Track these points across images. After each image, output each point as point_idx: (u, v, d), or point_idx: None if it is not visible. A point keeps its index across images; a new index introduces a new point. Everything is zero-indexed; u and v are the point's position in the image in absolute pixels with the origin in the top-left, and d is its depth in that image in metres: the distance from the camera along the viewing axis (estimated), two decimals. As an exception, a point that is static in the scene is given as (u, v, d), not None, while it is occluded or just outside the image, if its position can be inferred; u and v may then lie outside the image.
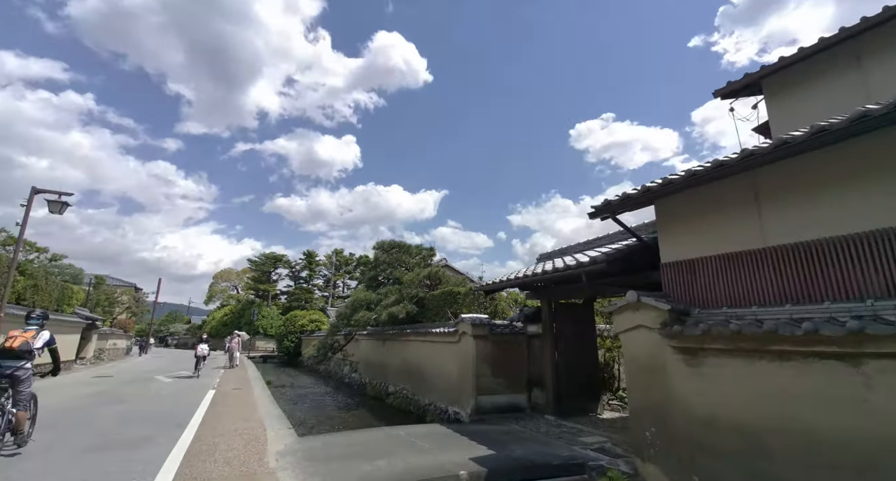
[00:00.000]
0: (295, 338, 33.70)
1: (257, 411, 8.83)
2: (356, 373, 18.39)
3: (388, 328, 14.27)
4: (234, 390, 12.17)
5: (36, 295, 15.56)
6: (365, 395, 15.40)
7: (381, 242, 14.95)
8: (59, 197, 11.29)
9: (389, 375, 14.17)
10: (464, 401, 9.04)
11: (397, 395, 12.93)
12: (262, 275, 53.90)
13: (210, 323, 56.75)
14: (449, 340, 10.10)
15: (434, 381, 10.76)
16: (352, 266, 60.43)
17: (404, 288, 13.14)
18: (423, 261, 15.13)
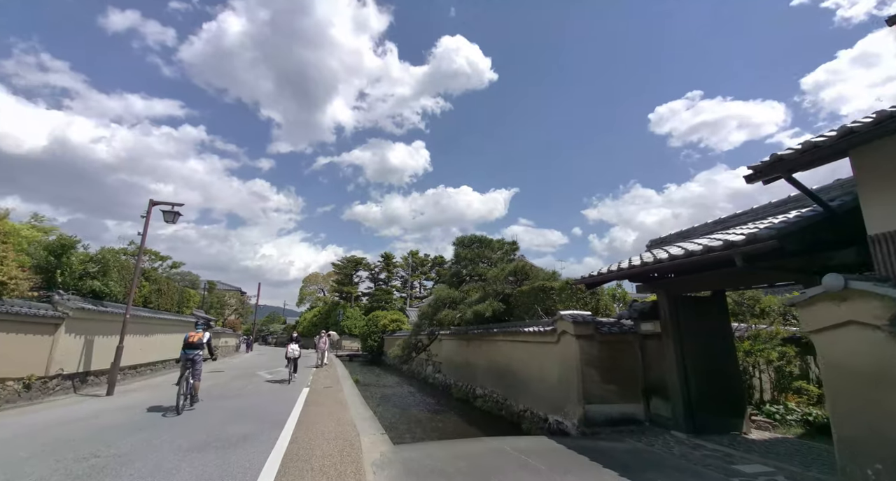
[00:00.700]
0: (377, 338, 34.71)
1: (349, 411, 8.62)
2: (439, 374, 17.98)
3: (473, 327, 13.56)
4: (325, 388, 12.34)
5: (160, 298, 17.52)
6: (450, 397, 14.86)
7: (461, 238, 14.36)
8: (172, 207, 12.36)
9: (476, 377, 13.45)
10: (568, 410, 7.93)
11: (486, 399, 12.14)
12: (345, 277, 56.86)
13: (302, 323, 61.35)
14: (545, 340, 9.05)
15: (529, 385, 9.76)
16: (427, 267, 61.33)
17: (488, 284, 12.32)
18: (506, 255, 14.20)
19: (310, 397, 10.39)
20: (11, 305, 8.86)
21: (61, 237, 11.40)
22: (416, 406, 12.96)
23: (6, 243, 8.77)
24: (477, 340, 13.54)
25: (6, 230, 9.05)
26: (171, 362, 19.27)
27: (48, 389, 10.28)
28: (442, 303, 12.63)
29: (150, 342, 16.28)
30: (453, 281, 14.12)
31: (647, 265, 6.26)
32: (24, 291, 9.58)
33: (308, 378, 14.79)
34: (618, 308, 9.75)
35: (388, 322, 32.54)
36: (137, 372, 15.55)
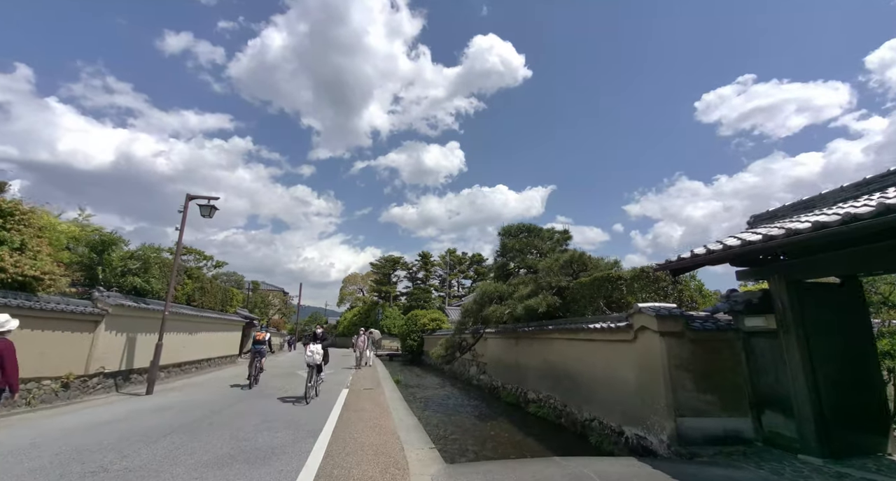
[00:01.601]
0: (417, 337, 33.98)
1: (391, 418, 7.65)
2: (484, 375, 16.78)
3: (523, 325, 12.27)
4: (365, 390, 11.51)
5: (203, 296, 17.53)
6: (497, 400, 13.64)
7: (508, 227, 13.07)
8: (208, 201, 12.01)
9: (527, 379, 12.14)
10: (653, 423, 6.52)
11: (541, 404, 10.83)
12: (384, 277, 56.92)
13: (342, 323, 62.19)
14: (617, 338, 7.65)
15: (595, 391, 8.38)
16: (465, 265, 60.27)
17: (540, 277, 11.00)
18: (557, 245, 12.79)
19: (349, 400, 9.56)
20: (47, 302, 8.62)
21: (102, 233, 11.29)
22: (462, 410, 11.86)
23: (40, 237, 8.53)
24: (527, 339, 12.24)
25: (41, 224, 8.85)
26: (215, 360, 19.36)
27: (88, 388, 10.09)
28: (488, 298, 11.45)
29: (194, 340, 16.25)
30: (500, 274, 12.88)
31: (768, 240, 4.77)
32: (61, 288, 9.39)
33: (348, 378, 14.08)
34: (701, 300, 8.13)
35: (428, 321, 31.72)
36: (182, 370, 15.52)
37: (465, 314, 12.95)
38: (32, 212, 8.46)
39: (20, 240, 7.89)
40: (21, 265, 7.69)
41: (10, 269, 7.48)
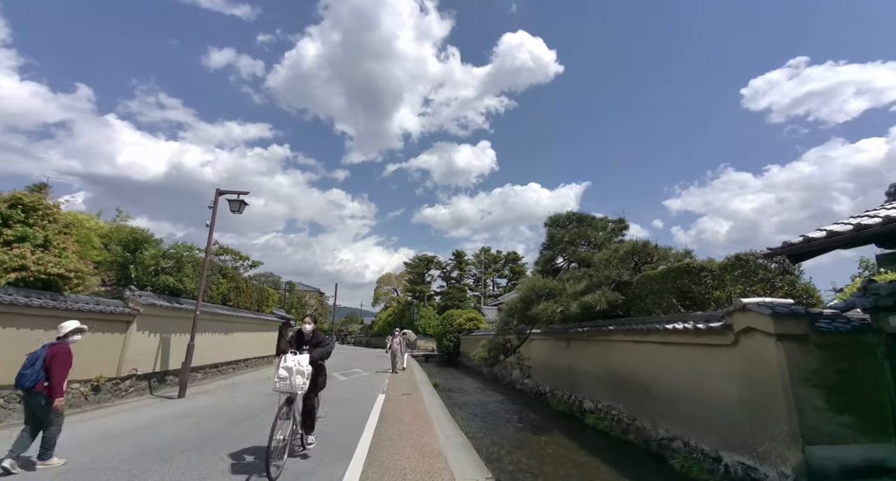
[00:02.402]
0: (453, 338, 32.99)
1: (434, 433, 6.62)
2: (529, 379, 15.50)
3: (575, 325, 10.94)
4: (403, 396, 10.59)
5: (238, 296, 17.33)
6: (546, 408, 12.35)
7: (556, 216, 11.74)
8: (238, 196, 11.53)
9: (581, 386, 10.81)
10: (771, 452, 5.11)
11: (601, 416, 9.48)
12: (417, 277, 56.38)
13: (377, 323, 62.27)
14: (709, 342, 6.25)
15: (678, 405, 6.99)
16: (500, 263, 58.74)
17: (596, 270, 9.67)
18: (612, 235, 11.37)
19: (386, 408, 8.64)
20: (75, 301, 8.26)
21: (134, 231, 11.02)
22: (510, 420, 10.69)
23: (66, 234, 8.18)
24: (581, 340, 10.90)
25: (67, 220, 8.53)
26: (252, 360, 19.19)
27: (120, 391, 9.76)
28: (536, 294, 10.23)
29: (230, 340, 16.00)
30: (547, 268, 11.61)
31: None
32: (91, 287, 9.07)
33: (384, 382, 13.25)
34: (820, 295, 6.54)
35: (464, 321, 30.65)
36: (219, 370, 15.28)
37: (509, 313, 11.77)
38: (57, 207, 8.11)
39: (43, 236, 7.51)
40: (44, 262, 7.29)
41: (32, 267, 7.09)
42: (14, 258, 6.93)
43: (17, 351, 6.87)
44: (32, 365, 4.56)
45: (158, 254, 11.12)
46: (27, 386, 4.50)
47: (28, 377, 4.49)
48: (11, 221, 7.22)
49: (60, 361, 4.61)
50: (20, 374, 4.57)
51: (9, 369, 6.80)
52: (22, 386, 4.52)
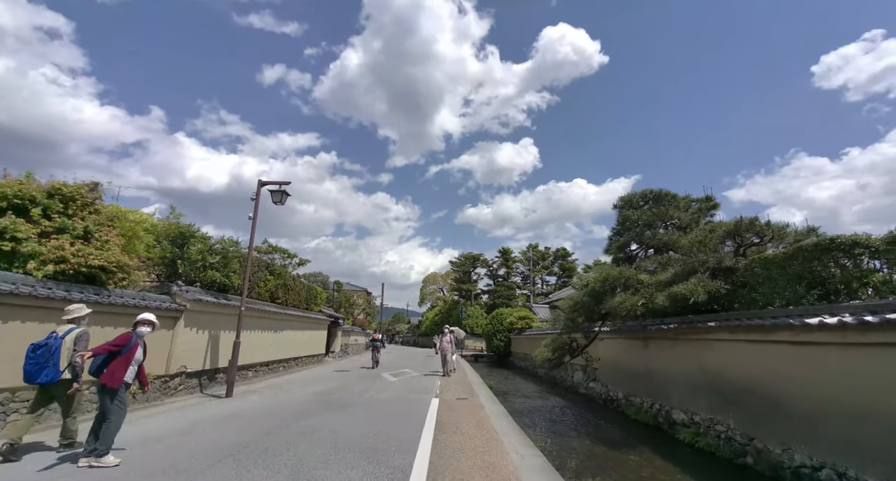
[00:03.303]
0: (504, 337, 31.60)
1: (504, 449, 5.44)
2: (595, 383, 13.87)
3: (655, 321, 9.30)
4: (459, 401, 9.49)
5: (287, 294, 17.12)
6: (620, 416, 10.76)
7: (629, 196, 10.07)
8: (280, 187, 11.04)
9: (668, 393, 9.15)
10: None
11: (700, 431, 7.82)
12: (463, 275, 55.38)
13: (424, 322, 62.00)
14: (882, 340, 4.57)
15: (827, 423, 5.30)
16: (548, 260, 56.34)
17: (687, 255, 8.02)
18: (700, 215, 9.58)
19: (442, 415, 7.58)
20: (119, 296, 7.94)
21: (180, 226, 10.81)
22: (583, 431, 9.25)
23: (110, 226, 7.88)
24: (666, 339, 9.24)
25: (111, 213, 8.27)
26: (302, 359, 18.99)
27: (170, 389, 9.47)
28: (611, 285, 8.73)
29: (279, 338, 15.76)
30: (621, 256, 10.01)
31: None
32: (137, 281, 8.80)
33: (436, 384, 12.24)
34: None
35: (516, 319, 29.13)
36: (270, 369, 15.05)
37: (574, 309, 10.32)
38: (99, 197, 7.82)
39: (83, 227, 7.20)
40: (84, 254, 6.94)
41: (70, 259, 6.74)
42: (52, 250, 6.61)
43: (57, 347, 6.57)
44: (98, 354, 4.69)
45: (205, 249, 10.83)
46: (91, 371, 4.65)
47: (92, 364, 4.65)
48: (50, 212, 6.94)
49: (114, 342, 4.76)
50: (93, 365, 4.69)
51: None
52: (89, 373, 4.66)
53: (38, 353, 4.65)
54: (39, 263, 6.49)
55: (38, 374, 4.61)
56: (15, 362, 5.89)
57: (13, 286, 5.83)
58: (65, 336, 4.84)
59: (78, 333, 4.92)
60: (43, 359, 4.64)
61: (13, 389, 5.90)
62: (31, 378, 4.64)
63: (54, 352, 4.69)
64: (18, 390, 5.98)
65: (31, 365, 4.63)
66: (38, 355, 4.65)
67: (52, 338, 4.80)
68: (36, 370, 4.62)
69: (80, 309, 5.16)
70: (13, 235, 6.23)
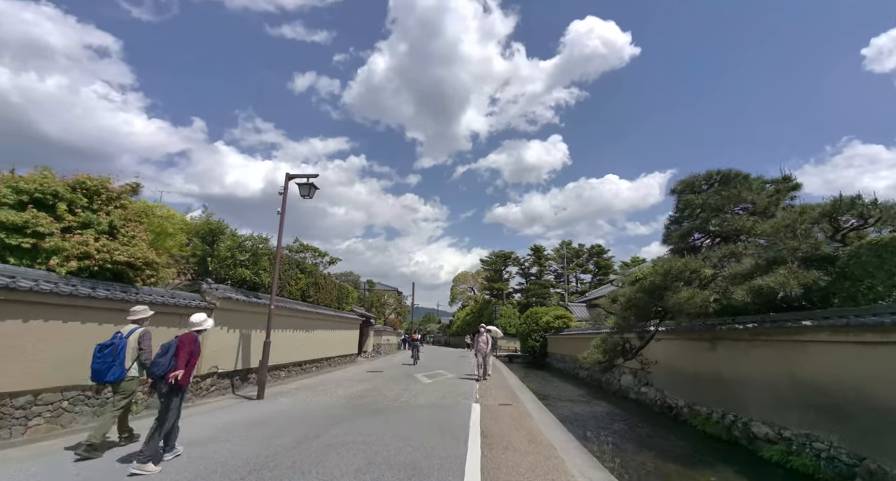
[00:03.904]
0: (539, 337, 30.39)
1: (566, 469, 4.59)
2: (649, 387, 12.65)
3: (725, 320, 8.11)
4: (502, 407, 8.67)
5: (318, 293, 16.84)
6: (685, 427, 9.59)
7: (690, 178, 8.83)
8: (308, 180, 10.60)
9: (745, 403, 7.96)
10: None
11: (793, 449, 6.64)
12: (495, 274, 54.27)
13: (455, 322, 61.33)
14: None
15: None
16: (582, 258, 54.29)
17: (771, 243, 6.86)
18: (779, 197, 8.31)
19: (486, 424, 6.79)
20: (148, 294, 7.65)
21: (209, 222, 10.57)
22: (643, 443, 8.21)
23: (138, 222, 7.60)
24: (740, 340, 8.04)
25: (138, 208, 8.01)
26: (335, 359, 18.70)
27: (201, 390, 9.17)
28: (674, 279, 7.65)
29: (311, 338, 15.46)
30: (683, 246, 8.84)
31: None
32: (167, 279, 8.53)
33: (474, 388, 11.46)
34: None
35: (552, 319, 27.86)
36: (302, 369, 14.76)
37: (627, 307, 9.26)
38: (125, 192, 7.55)
39: (108, 222, 6.90)
40: (109, 250, 6.64)
41: (95, 255, 6.44)
42: (76, 245, 6.32)
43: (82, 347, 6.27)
44: (165, 353, 4.64)
45: (234, 246, 10.54)
46: (159, 374, 4.54)
47: (161, 365, 4.55)
48: (75, 207, 6.67)
49: (189, 348, 4.76)
50: (154, 363, 4.61)
51: (76, 367, 6.23)
52: (155, 376, 4.58)
53: (104, 353, 4.83)
54: (63, 259, 6.21)
55: (106, 373, 4.79)
56: (37, 364, 5.64)
57: (34, 283, 5.52)
58: (129, 335, 5.05)
59: (141, 333, 5.12)
60: (110, 357, 4.81)
61: (35, 391, 5.59)
62: (99, 376, 4.81)
63: (119, 351, 4.87)
64: (42, 392, 5.69)
65: (98, 363, 4.80)
66: (105, 354, 4.81)
67: (117, 337, 5.00)
68: (104, 369, 4.79)
69: (144, 310, 5.38)
70: (35, 230, 5.96)
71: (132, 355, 4.98)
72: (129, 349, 4.97)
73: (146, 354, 4.99)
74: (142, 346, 5.04)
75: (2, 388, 5.16)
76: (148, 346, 5.09)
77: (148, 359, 4.93)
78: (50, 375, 5.76)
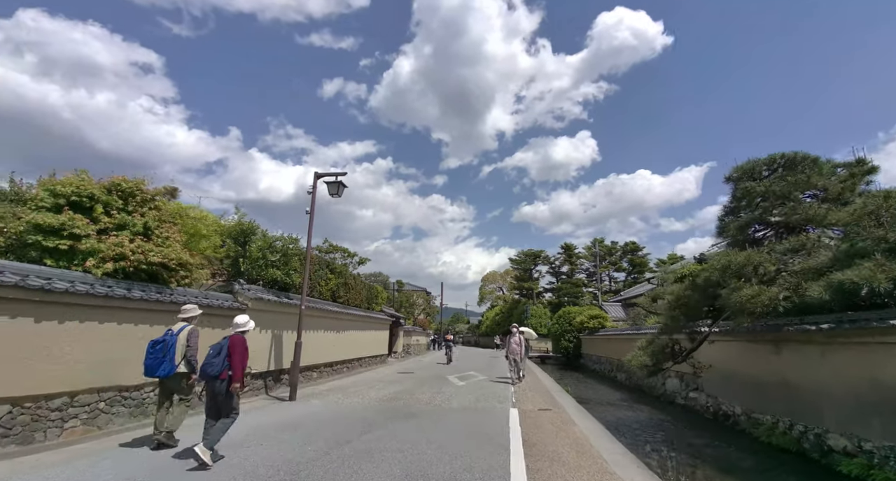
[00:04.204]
0: (573, 337, 29.42)
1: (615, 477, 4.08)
2: (699, 393, 11.75)
3: (792, 320, 7.27)
4: (542, 412, 8.18)
5: (348, 293, 16.82)
6: (742, 436, 8.77)
7: (749, 163, 7.91)
8: (336, 178, 10.46)
9: (819, 411, 7.10)
10: None
11: (878, 463, 5.80)
12: (524, 273, 53.27)
13: (485, 322, 60.71)
14: None
15: None
16: (616, 256, 52.40)
17: (857, 233, 6.03)
18: (853, 182, 7.38)
19: (528, 432, 6.32)
20: (182, 295, 7.66)
21: (241, 223, 10.61)
22: (701, 456, 7.48)
23: (172, 223, 7.63)
24: (813, 343, 7.18)
25: (172, 210, 8.05)
26: (366, 360, 18.66)
27: (234, 390, 9.17)
28: (735, 274, 6.90)
29: (342, 338, 15.42)
30: (742, 238, 8.02)
31: None
32: (201, 280, 8.56)
33: (508, 391, 10.98)
34: None
35: (587, 319, 26.87)
36: (334, 370, 14.74)
37: (675, 306, 8.54)
38: (159, 193, 7.58)
39: (143, 223, 6.92)
40: (143, 251, 6.64)
41: (130, 256, 6.45)
42: (111, 247, 6.34)
43: (118, 347, 6.28)
44: (218, 354, 4.77)
45: (265, 247, 10.53)
46: (214, 374, 4.68)
47: (215, 365, 4.69)
48: (110, 209, 6.72)
49: (240, 350, 4.90)
50: (207, 364, 4.73)
51: (113, 368, 6.25)
52: (208, 375, 4.71)
53: (156, 349, 5.02)
54: (99, 260, 6.23)
55: (157, 368, 4.97)
56: (74, 365, 5.65)
57: (70, 284, 5.53)
58: (178, 333, 5.25)
59: (189, 330, 5.32)
60: (161, 353, 5.00)
61: (72, 393, 5.61)
62: (151, 372, 5.00)
63: (170, 348, 5.07)
64: (78, 394, 5.70)
65: (150, 359, 4.99)
66: (157, 350, 5.01)
67: (168, 334, 5.21)
68: (156, 364, 4.97)
69: (193, 309, 5.64)
70: (72, 232, 5.99)
71: (181, 352, 5.18)
72: (178, 346, 5.16)
73: (192, 351, 5.20)
74: (189, 343, 5.22)
75: (38, 390, 5.18)
76: (195, 344, 5.27)
77: (193, 357, 5.19)
78: (86, 376, 5.77)
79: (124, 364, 6.33)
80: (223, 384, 4.72)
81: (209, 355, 4.82)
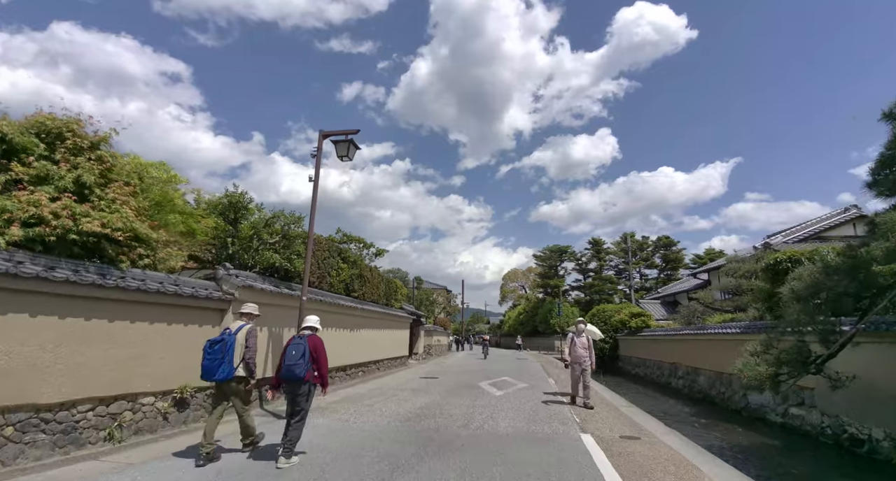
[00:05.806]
0: (609, 338, 26.80)
1: None
2: (807, 409, 9.28)
3: None
4: (627, 441, 5.88)
5: (363, 286, 14.80)
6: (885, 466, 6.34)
7: None
8: (346, 136, 8.40)
9: None
10: None
11: None
12: (549, 270, 50.51)
13: (507, 322, 58.18)
14: None
15: None
16: (647, 251, 49.12)
17: None
18: None
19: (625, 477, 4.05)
20: (139, 278, 5.67)
21: (230, 196, 8.62)
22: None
23: (125, 183, 5.66)
24: None
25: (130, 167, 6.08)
26: (384, 362, 16.60)
27: (217, 404, 7.19)
28: None
29: (356, 338, 13.39)
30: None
31: None
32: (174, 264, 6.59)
33: (563, 408, 8.69)
34: None
35: (627, 318, 24.27)
36: (347, 374, 12.71)
37: (808, 296, 6.15)
38: (104, 140, 5.61)
39: (73, 177, 4.96)
40: (72, 215, 4.68)
41: (51, 220, 4.49)
42: (24, 206, 4.39)
43: (31, 350, 4.32)
44: (302, 356, 4.59)
45: (258, 224, 8.54)
46: (301, 374, 4.53)
47: (301, 366, 4.53)
48: (28, 155, 4.78)
49: (323, 350, 4.86)
50: (294, 364, 4.52)
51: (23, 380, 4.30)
52: (297, 376, 4.52)
53: (215, 349, 4.66)
54: (2, 223, 4.29)
55: (216, 371, 4.59)
56: None
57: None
58: (237, 332, 4.89)
59: (248, 330, 4.96)
60: (219, 354, 4.63)
61: None
62: (209, 374, 4.63)
63: (229, 348, 4.71)
64: None
65: (209, 360, 4.63)
66: (215, 351, 4.65)
67: (226, 333, 4.87)
68: (214, 366, 4.60)
69: (253, 307, 5.28)
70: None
71: (240, 353, 4.80)
72: (237, 346, 4.80)
73: (251, 353, 4.85)
74: (248, 344, 4.86)
75: None
76: (253, 345, 4.92)
77: (252, 358, 4.85)
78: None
79: (42, 373, 4.39)
80: (307, 385, 4.64)
81: (294, 357, 4.56)
